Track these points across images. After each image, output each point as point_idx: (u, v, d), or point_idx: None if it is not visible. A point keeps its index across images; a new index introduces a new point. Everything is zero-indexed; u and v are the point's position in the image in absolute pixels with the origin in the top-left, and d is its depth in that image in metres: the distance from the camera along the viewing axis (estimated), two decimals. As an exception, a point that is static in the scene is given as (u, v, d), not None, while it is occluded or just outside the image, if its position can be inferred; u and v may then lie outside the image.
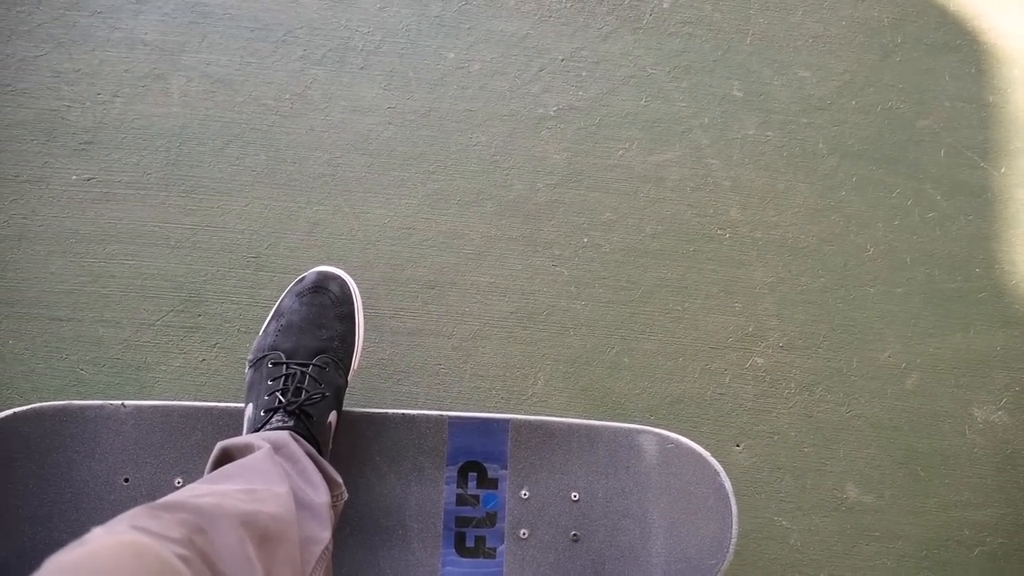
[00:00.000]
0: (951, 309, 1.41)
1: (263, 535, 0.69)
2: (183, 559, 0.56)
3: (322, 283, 1.10)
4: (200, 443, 1.06)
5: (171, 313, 1.26)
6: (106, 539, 0.53)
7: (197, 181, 1.32)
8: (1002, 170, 1.48)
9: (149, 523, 0.59)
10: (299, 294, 1.09)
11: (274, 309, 1.11)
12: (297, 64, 1.38)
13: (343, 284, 1.12)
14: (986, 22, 1.55)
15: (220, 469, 0.82)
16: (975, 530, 1.31)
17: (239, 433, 1.05)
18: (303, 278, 1.12)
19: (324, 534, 0.82)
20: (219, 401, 1.09)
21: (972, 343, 1.39)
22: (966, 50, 1.54)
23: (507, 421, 1.10)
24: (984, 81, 1.53)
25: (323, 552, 0.81)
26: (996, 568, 1.30)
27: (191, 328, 1.26)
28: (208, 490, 0.73)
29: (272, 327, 1.06)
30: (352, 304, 1.11)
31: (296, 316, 1.07)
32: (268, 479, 0.80)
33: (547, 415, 1.20)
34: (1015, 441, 1.36)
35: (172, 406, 1.07)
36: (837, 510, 1.30)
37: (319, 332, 1.05)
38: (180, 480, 1.05)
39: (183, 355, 1.25)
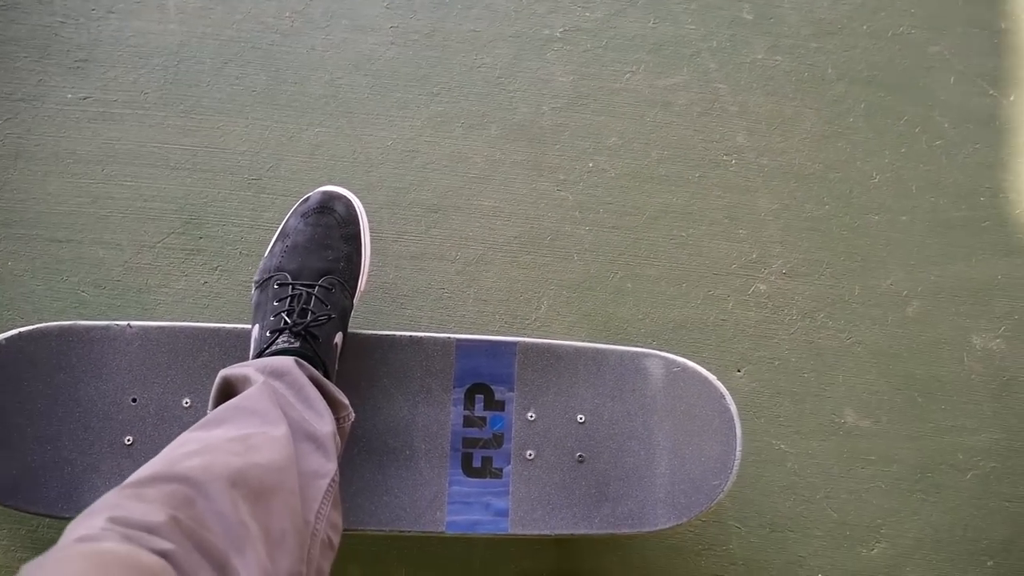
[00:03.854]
0: (954, 237, 1.40)
1: (257, 491, 0.68)
2: (164, 554, 0.56)
3: (327, 203, 1.08)
4: (207, 364, 1.06)
5: (172, 235, 1.25)
6: (77, 549, 0.53)
7: (196, 101, 1.29)
8: (1011, 98, 1.46)
9: (132, 509, 0.58)
10: (304, 214, 1.07)
11: (279, 229, 1.09)
12: (296, -20, 1.34)
13: (348, 204, 1.10)
14: (1001, -56, 1.51)
15: (215, 412, 0.80)
16: (969, 454, 1.34)
17: (246, 355, 1.05)
18: (308, 198, 1.10)
19: (329, 465, 0.81)
20: (224, 323, 1.08)
21: (974, 271, 1.40)
22: (980, -26, 1.51)
23: (514, 344, 1.10)
24: (998, 7, 1.50)
25: (329, 485, 0.80)
26: (987, 491, 1.32)
27: (192, 251, 1.25)
28: (199, 445, 0.72)
29: (278, 248, 1.05)
30: (358, 224, 1.09)
31: (301, 237, 1.05)
32: (265, 419, 0.78)
33: (552, 339, 1.20)
34: (1012, 368, 1.37)
35: (178, 327, 1.06)
36: (835, 434, 1.32)
37: (324, 253, 1.04)
38: (188, 400, 1.05)
39: (185, 277, 1.24)
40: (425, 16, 1.35)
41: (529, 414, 1.09)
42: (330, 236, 1.06)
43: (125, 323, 1.06)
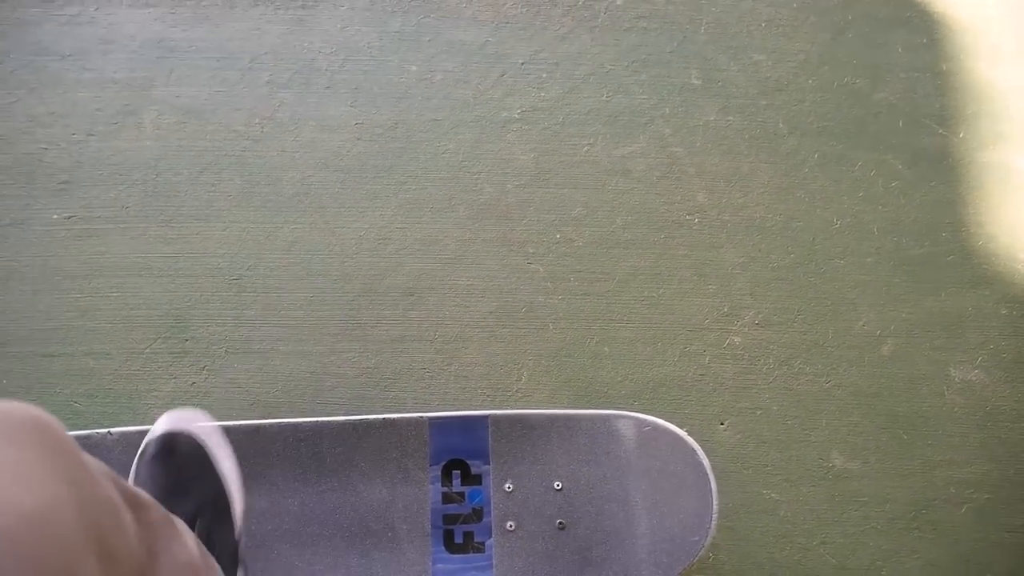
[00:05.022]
0: (921, 274, 1.38)
1: None
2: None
3: (166, 446, 0.94)
4: (189, 463, 1.04)
5: (159, 340, 1.25)
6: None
7: (175, 210, 1.31)
8: (961, 135, 1.45)
9: None
10: (147, 464, 0.92)
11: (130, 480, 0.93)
12: (264, 89, 1.36)
13: (189, 438, 0.95)
14: (934, -8, 1.53)
15: None
16: (961, 487, 1.29)
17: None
18: (145, 445, 0.95)
19: None
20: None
21: (944, 305, 1.37)
22: (916, 22, 1.52)
23: (486, 417, 1.08)
24: (936, 50, 1.51)
25: None
26: (985, 523, 1.27)
27: (179, 353, 1.24)
28: None
29: None
30: (208, 458, 0.95)
31: (151, 488, 0.89)
32: None
33: (523, 409, 1.18)
34: (993, 398, 1.33)
35: (160, 429, 1.05)
36: (824, 479, 1.27)
37: (182, 502, 0.88)
38: (172, 501, 1.03)
39: (174, 380, 1.23)
40: (387, 110, 1.37)
41: (507, 485, 1.07)
42: (181, 483, 0.91)
43: (105, 431, 1.05)
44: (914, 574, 1.24)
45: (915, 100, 1.47)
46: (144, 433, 1.05)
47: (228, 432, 1.06)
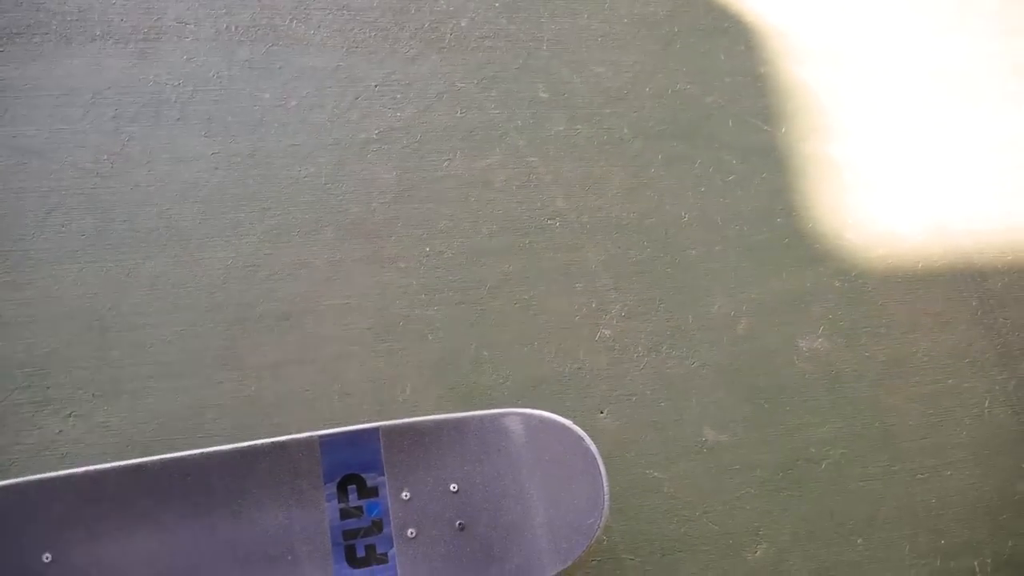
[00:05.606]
0: (764, 257, 1.48)
1: None
2: None
3: None
4: (64, 515, 0.97)
5: (16, 391, 1.15)
6: None
7: (23, 255, 1.22)
8: (783, 130, 1.57)
9: None
10: None
11: None
12: (110, 124, 1.30)
13: None
14: (747, 4, 1.65)
15: None
16: (819, 446, 1.38)
17: (103, 499, 0.97)
18: None
19: None
20: (78, 467, 1.00)
21: (787, 284, 1.47)
22: (734, 31, 1.63)
23: (376, 429, 1.07)
24: (754, 55, 1.63)
25: None
26: (842, 475, 1.37)
27: (41, 402, 1.15)
28: None
29: None
30: None
31: None
32: None
33: (411, 417, 1.17)
34: (837, 363, 1.44)
35: (25, 482, 0.97)
36: (700, 453, 1.33)
37: None
38: (48, 555, 0.95)
39: (38, 430, 1.14)
40: (243, 138, 1.34)
41: (404, 494, 1.05)
42: None
43: (-31, 489, 0.96)
44: (788, 530, 1.32)
45: (740, 101, 1.58)
46: (11, 488, 0.97)
47: (107, 476, 0.99)
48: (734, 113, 1.57)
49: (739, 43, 1.63)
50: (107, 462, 1.05)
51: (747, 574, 1.28)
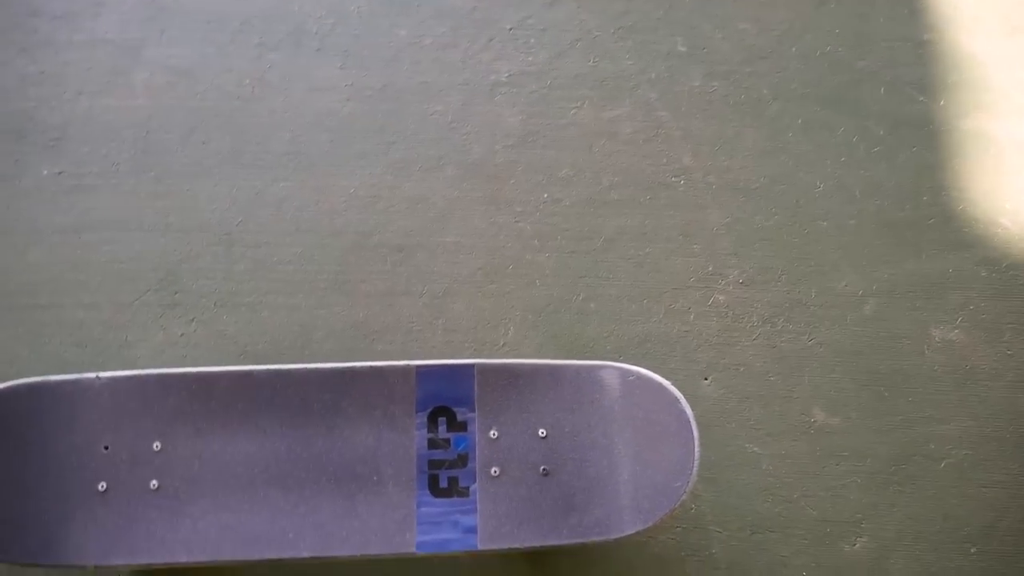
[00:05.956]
0: (902, 236, 1.36)
1: None
2: None
3: None
4: (176, 408, 1.02)
5: (148, 293, 1.22)
6: None
7: (166, 167, 1.28)
8: (941, 103, 1.44)
9: None
10: None
11: None
12: (255, 51, 1.34)
13: None
14: (915, -36, 1.51)
15: None
16: (940, 444, 1.27)
17: (210, 397, 1.01)
18: None
19: None
20: (192, 367, 1.05)
21: (924, 267, 1.35)
22: (898, -8, 1.50)
23: (472, 366, 1.06)
24: (918, 20, 1.49)
25: None
26: (963, 478, 1.25)
27: (169, 305, 1.22)
28: None
29: None
30: None
31: None
32: None
33: (509, 359, 1.16)
34: (973, 357, 1.31)
35: (146, 374, 1.03)
36: (806, 434, 1.26)
37: None
38: (158, 444, 1.01)
39: (163, 331, 1.21)
40: (377, 73, 1.35)
41: (492, 432, 1.05)
42: None
43: (94, 375, 1.03)
44: (893, 527, 1.23)
45: (897, 68, 1.45)
46: (133, 377, 1.03)
47: (218, 379, 1.03)
48: (887, 81, 1.44)
49: (902, 6, 1.49)
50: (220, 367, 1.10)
51: (842, 566, 1.20)
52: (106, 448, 1.01)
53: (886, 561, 1.21)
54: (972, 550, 1.23)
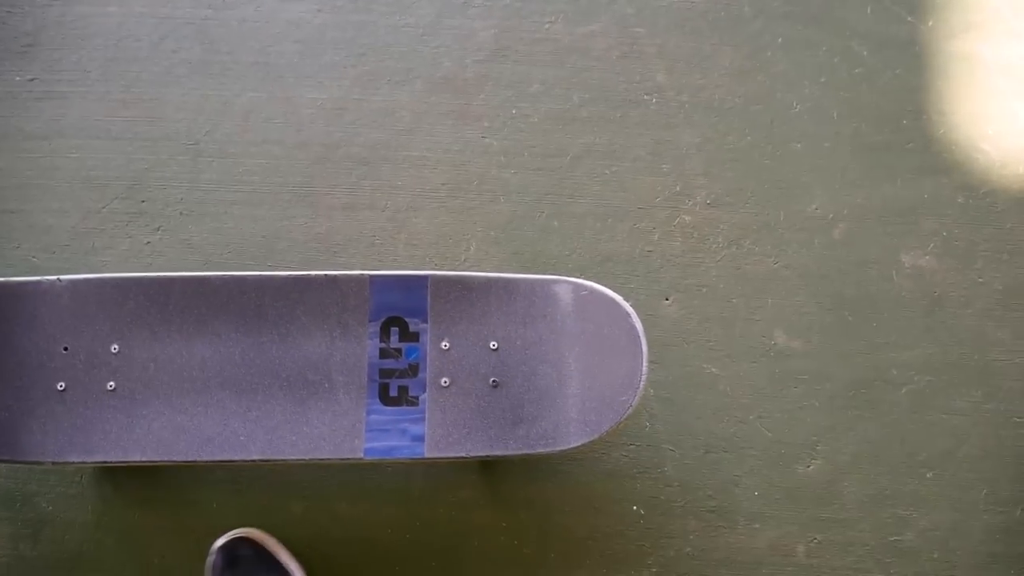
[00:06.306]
0: (878, 160, 1.33)
1: None
2: None
3: (233, 552, 1.04)
4: (133, 311, 1.04)
5: (115, 200, 1.23)
6: None
7: (136, 76, 1.27)
8: (929, 23, 1.38)
9: None
10: (219, 573, 1.03)
11: None
12: (224, -43, 1.31)
13: (253, 543, 1.06)
14: None
15: None
16: (903, 369, 1.26)
17: (169, 302, 1.02)
18: (213, 559, 1.04)
19: None
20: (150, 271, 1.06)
21: (899, 192, 1.32)
22: (895, -95, 1.43)
23: (426, 277, 1.06)
24: (913, -65, 1.42)
25: None
26: (924, 404, 1.25)
27: (135, 213, 1.23)
28: None
29: None
30: (275, 554, 1.06)
31: None
32: None
33: (462, 271, 1.16)
34: (942, 284, 1.29)
35: (106, 278, 1.04)
36: (765, 356, 1.25)
37: None
38: (116, 346, 1.03)
39: (129, 239, 1.22)
40: (347, -19, 1.32)
41: (443, 344, 1.05)
42: None
43: (55, 277, 1.04)
44: (849, 451, 1.23)
45: (886, -15, 1.39)
46: (93, 280, 1.04)
47: (175, 284, 1.04)
48: (876, -1, 1.39)
49: (897, -81, 1.42)
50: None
51: (795, 487, 1.21)
52: (65, 349, 1.03)
53: (839, 483, 1.22)
54: (928, 475, 1.23)
